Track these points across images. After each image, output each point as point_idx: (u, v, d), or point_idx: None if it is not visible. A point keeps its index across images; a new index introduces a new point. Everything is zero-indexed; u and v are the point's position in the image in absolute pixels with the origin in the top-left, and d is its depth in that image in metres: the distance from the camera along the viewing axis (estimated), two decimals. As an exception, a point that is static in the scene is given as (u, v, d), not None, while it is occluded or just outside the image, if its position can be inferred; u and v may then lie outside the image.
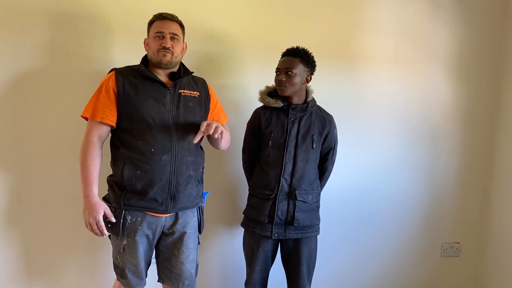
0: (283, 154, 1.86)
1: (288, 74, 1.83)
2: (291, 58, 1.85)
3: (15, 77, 2.00)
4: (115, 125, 1.66)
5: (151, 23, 1.73)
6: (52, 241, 2.12)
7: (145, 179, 1.63)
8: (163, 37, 1.68)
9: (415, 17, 2.38)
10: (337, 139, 2.02)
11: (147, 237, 1.70)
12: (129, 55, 1.95)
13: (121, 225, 1.65)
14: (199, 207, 1.83)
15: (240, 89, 2.23)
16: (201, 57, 2.14)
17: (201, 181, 1.82)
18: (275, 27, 2.22)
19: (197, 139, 1.64)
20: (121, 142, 1.66)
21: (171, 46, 1.68)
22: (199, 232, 1.85)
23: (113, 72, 1.69)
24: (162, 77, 1.73)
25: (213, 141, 1.81)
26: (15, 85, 2.00)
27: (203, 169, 1.83)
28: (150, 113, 1.63)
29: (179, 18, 1.75)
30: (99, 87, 1.68)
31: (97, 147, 1.64)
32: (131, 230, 1.66)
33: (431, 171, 2.50)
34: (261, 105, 1.97)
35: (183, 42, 1.78)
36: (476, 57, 2.46)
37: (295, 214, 1.86)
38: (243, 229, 2.00)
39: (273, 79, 1.97)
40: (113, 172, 1.71)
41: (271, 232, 1.86)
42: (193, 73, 1.82)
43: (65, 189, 2.09)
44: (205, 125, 1.62)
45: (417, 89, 2.43)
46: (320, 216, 1.98)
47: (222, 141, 1.77)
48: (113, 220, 1.64)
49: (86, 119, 1.68)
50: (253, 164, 2.00)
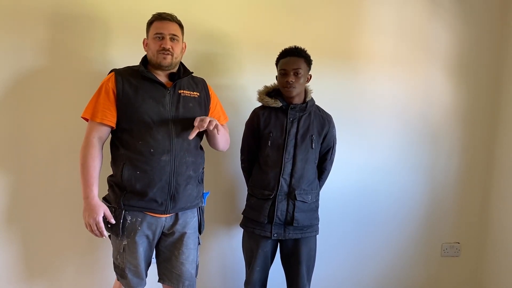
0: (282, 154, 1.86)
1: (296, 74, 1.82)
2: (297, 58, 1.84)
3: (14, 78, 2.00)
4: (115, 126, 1.66)
5: (150, 24, 1.72)
6: (52, 241, 2.12)
7: (145, 180, 1.63)
8: (163, 38, 1.67)
9: (415, 17, 2.38)
10: (336, 138, 2.02)
11: (147, 237, 1.70)
12: (128, 56, 1.95)
13: (121, 225, 1.65)
14: (199, 207, 1.82)
15: (238, 88, 2.23)
16: (200, 57, 2.14)
17: (201, 182, 1.81)
18: (274, 27, 2.22)
19: (192, 135, 1.63)
20: (120, 142, 1.67)
21: (171, 47, 1.67)
22: (200, 232, 1.84)
23: (112, 73, 1.69)
24: (161, 77, 1.72)
25: (211, 141, 1.81)
26: (15, 86, 2.00)
27: (203, 169, 1.82)
28: (149, 113, 1.63)
29: (178, 18, 1.74)
30: (99, 88, 1.68)
31: (97, 148, 1.64)
32: (131, 230, 1.66)
33: (431, 171, 2.49)
34: (260, 105, 1.96)
35: (183, 42, 1.77)
36: (476, 57, 2.45)
37: (295, 214, 1.85)
38: (242, 229, 2.00)
39: (271, 79, 1.97)
40: (113, 172, 1.71)
41: (271, 232, 1.86)
42: (193, 73, 1.82)
43: (65, 190, 2.09)
44: (199, 120, 1.62)
45: (417, 89, 2.43)
46: (319, 216, 1.98)
47: (220, 140, 1.76)
48: (113, 221, 1.64)
49: (86, 120, 1.69)
50: (252, 164, 2.00)
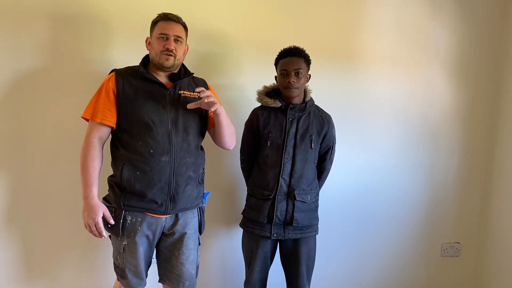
0: (282, 154, 1.86)
1: (297, 75, 1.82)
2: (297, 58, 1.83)
3: (15, 78, 2.00)
4: (115, 126, 1.66)
5: (155, 23, 1.71)
6: (52, 241, 2.12)
7: (144, 180, 1.63)
8: (167, 39, 1.66)
9: (415, 17, 2.38)
10: (335, 138, 2.02)
11: (147, 237, 1.70)
12: (128, 56, 1.95)
13: (121, 226, 1.65)
14: (200, 207, 1.82)
15: (237, 88, 2.22)
16: (199, 57, 2.13)
17: (201, 182, 1.81)
18: (274, 27, 2.22)
19: (192, 106, 1.65)
20: (120, 143, 1.67)
21: (174, 48, 1.66)
22: (200, 232, 1.84)
23: (113, 73, 1.69)
24: (162, 78, 1.72)
25: (217, 134, 1.78)
26: (15, 86, 2.01)
27: (203, 169, 1.82)
28: (149, 114, 1.63)
29: (182, 19, 1.73)
30: (99, 88, 1.68)
31: (97, 149, 1.64)
32: (131, 230, 1.66)
33: (431, 171, 2.49)
34: (259, 105, 1.96)
35: (186, 44, 1.77)
36: (476, 58, 2.46)
37: (294, 214, 1.85)
38: (242, 230, 2.00)
39: (271, 79, 1.97)
40: (113, 172, 1.71)
41: (270, 232, 1.86)
42: (193, 74, 1.81)
43: (65, 190, 2.09)
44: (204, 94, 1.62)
45: (417, 89, 2.43)
46: (319, 216, 1.98)
47: (225, 130, 1.74)
48: (112, 222, 1.64)
49: (86, 120, 1.69)
50: (251, 164, 2.00)
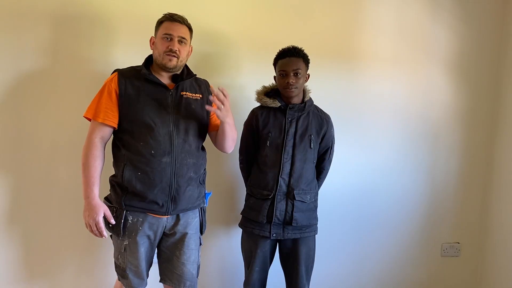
0: (281, 154, 1.86)
1: (296, 75, 1.82)
2: (296, 58, 1.83)
3: (16, 78, 2.00)
4: (117, 126, 1.66)
5: (160, 23, 1.71)
6: (52, 241, 2.12)
7: (145, 181, 1.63)
8: (171, 40, 1.66)
9: (415, 17, 2.38)
10: (334, 138, 2.02)
11: (148, 237, 1.70)
12: (130, 56, 1.96)
13: (122, 226, 1.65)
14: (201, 208, 1.82)
15: (237, 88, 2.22)
16: (199, 57, 2.12)
17: (202, 183, 1.81)
18: (273, 27, 2.22)
19: (209, 108, 1.69)
20: (122, 143, 1.67)
21: (178, 49, 1.67)
22: (201, 233, 1.84)
23: (116, 73, 1.69)
24: (164, 78, 1.72)
25: (220, 138, 1.78)
26: (17, 86, 2.01)
27: (204, 170, 1.82)
28: (151, 115, 1.63)
29: (188, 21, 1.73)
30: (101, 88, 1.68)
31: (99, 149, 1.65)
32: (132, 230, 1.67)
33: (431, 171, 2.49)
34: (258, 105, 1.96)
35: (190, 45, 1.77)
36: (476, 57, 2.45)
37: (294, 214, 1.85)
38: (241, 230, 2.00)
39: (270, 79, 1.97)
40: (115, 172, 1.72)
41: (270, 232, 1.86)
42: (196, 75, 1.82)
43: (66, 190, 2.10)
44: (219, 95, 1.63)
45: (417, 89, 2.43)
46: (319, 216, 1.98)
47: (228, 136, 1.75)
48: (113, 222, 1.65)
49: (88, 119, 1.69)
50: (250, 164, 2.00)
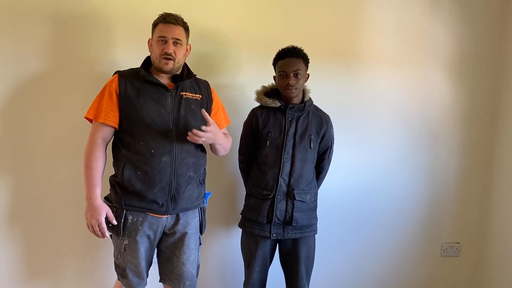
0: (281, 154, 1.86)
1: (296, 76, 1.82)
2: (295, 59, 1.82)
3: (17, 78, 2.01)
4: (117, 127, 1.67)
5: (155, 25, 1.71)
6: (52, 241, 2.12)
7: (145, 180, 1.64)
8: (166, 42, 1.67)
9: (415, 17, 2.38)
10: (333, 138, 2.02)
11: (148, 237, 1.71)
12: (132, 56, 1.96)
13: (122, 225, 1.66)
14: (201, 207, 1.83)
15: (237, 88, 2.22)
16: (198, 57, 2.12)
17: (202, 182, 1.82)
18: (273, 27, 2.22)
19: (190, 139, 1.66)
20: (122, 143, 1.68)
21: (173, 52, 1.67)
22: (201, 232, 1.84)
23: (116, 74, 1.71)
24: (164, 79, 1.73)
25: (212, 149, 1.84)
26: (17, 87, 2.01)
27: (204, 170, 1.82)
28: (150, 115, 1.64)
29: (183, 20, 1.73)
30: (102, 89, 1.69)
31: (100, 149, 1.66)
32: (132, 230, 1.67)
33: (431, 171, 2.49)
34: (258, 105, 1.96)
35: (187, 44, 1.77)
36: (476, 57, 2.45)
37: (294, 214, 1.85)
38: (241, 230, 2.00)
39: (270, 79, 1.97)
40: (115, 172, 1.72)
41: (270, 232, 1.86)
42: (196, 75, 1.82)
43: (67, 190, 2.10)
44: (191, 134, 1.62)
45: (417, 89, 2.43)
46: (319, 215, 1.99)
47: (218, 149, 1.80)
48: (115, 223, 1.65)
49: (90, 120, 1.70)
50: (250, 164, 2.00)
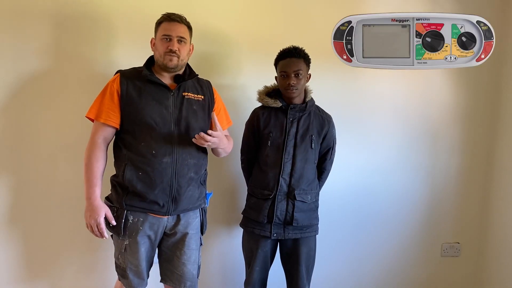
0: (282, 154, 1.86)
1: (297, 76, 1.82)
2: (296, 59, 1.82)
3: (18, 78, 2.00)
4: (119, 127, 1.67)
5: (158, 24, 1.72)
6: (52, 241, 2.12)
7: (146, 181, 1.64)
8: (170, 40, 1.67)
9: (415, 17, 2.38)
10: (335, 138, 2.02)
11: (149, 237, 1.71)
12: (133, 56, 1.95)
13: (122, 225, 1.66)
14: (202, 208, 1.83)
15: (238, 88, 2.22)
16: (199, 57, 2.11)
17: (203, 183, 1.82)
18: (274, 27, 2.21)
19: (196, 141, 1.67)
20: (123, 143, 1.68)
21: (177, 49, 1.67)
22: (202, 233, 1.85)
23: (118, 74, 1.71)
24: (166, 79, 1.73)
25: (213, 152, 1.84)
26: (18, 86, 2.01)
27: (205, 170, 1.82)
28: (152, 115, 1.64)
29: (186, 19, 1.73)
30: (104, 88, 1.69)
31: (101, 149, 1.66)
32: (133, 230, 1.67)
33: (431, 171, 2.49)
34: (259, 105, 1.96)
35: (190, 43, 1.77)
36: (476, 57, 2.46)
37: (294, 214, 1.85)
38: (242, 230, 2.00)
39: (271, 79, 1.97)
40: (116, 172, 1.72)
41: (270, 232, 1.86)
42: (198, 75, 1.82)
43: (67, 190, 2.10)
44: (198, 137, 1.63)
45: (417, 89, 2.42)
46: (320, 215, 1.98)
47: (220, 152, 1.81)
48: (114, 223, 1.65)
49: (91, 120, 1.70)
50: (252, 164, 2.00)
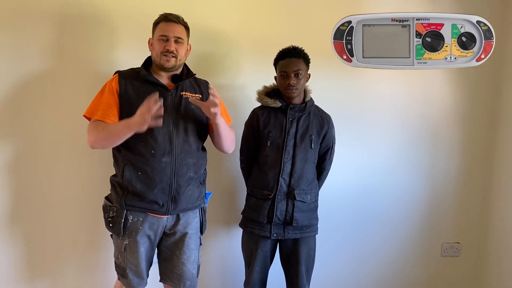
0: (282, 154, 1.86)
1: (297, 76, 1.82)
2: (296, 59, 1.82)
3: (18, 78, 2.00)
4: None
5: (156, 24, 1.72)
6: (52, 241, 2.12)
7: (145, 181, 1.64)
8: (167, 40, 1.68)
9: (415, 17, 2.38)
10: (335, 138, 2.02)
11: (149, 237, 1.71)
12: (133, 56, 1.94)
13: (122, 225, 1.66)
14: (201, 208, 1.83)
15: (237, 88, 2.22)
16: (199, 57, 2.11)
17: (203, 183, 1.82)
18: (274, 27, 2.21)
19: (194, 102, 1.66)
20: (122, 143, 1.66)
21: (175, 49, 1.67)
22: (201, 233, 1.85)
23: (116, 74, 1.71)
24: (164, 79, 1.73)
25: (215, 139, 1.79)
26: (19, 87, 2.01)
27: (205, 170, 1.82)
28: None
29: (184, 19, 1.74)
30: (102, 88, 1.70)
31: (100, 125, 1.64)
32: (133, 230, 1.67)
33: (431, 171, 2.49)
34: (259, 105, 1.96)
35: (188, 43, 1.78)
36: (476, 57, 2.46)
37: (294, 214, 1.86)
38: (241, 230, 2.00)
39: (271, 79, 1.97)
40: (115, 172, 1.73)
41: (270, 232, 1.86)
42: (195, 75, 1.82)
43: (66, 190, 2.10)
44: (210, 104, 1.59)
45: (417, 89, 2.42)
46: (320, 215, 1.99)
47: (224, 137, 1.74)
48: (158, 102, 1.50)
49: (88, 119, 1.70)
50: (251, 164, 2.00)
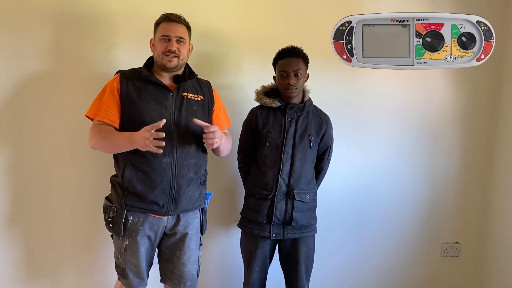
0: (281, 154, 1.86)
1: (296, 75, 1.82)
2: (296, 59, 1.83)
3: (18, 78, 2.01)
4: (117, 126, 1.67)
5: (157, 24, 1.72)
6: (52, 241, 2.12)
7: (146, 181, 1.64)
8: (169, 40, 1.68)
9: (415, 17, 2.38)
10: (333, 138, 2.02)
11: (149, 237, 1.71)
12: (133, 56, 1.95)
13: (122, 225, 1.66)
14: (202, 208, 1.83)
15: (237, 88, 2.22)
16: (198, 57, 2.10)
17: (203, 183, 1.82)
18: (273, 26, 2.21)
19: (197, 122, 1.65)
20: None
21: (177, 49, 1.68)
22: (202, 233, 1.85)
23: (118, 74, 1.71)
24: (166, 79, 1.73)
25: (214, 152, 1.82)
26: (18, 87, 2.01)
27: (205, 170, 1.83)
28: (152, 116, 1.64)
29: (185, 19, 1.74)
30: (103, 88, 1.70)
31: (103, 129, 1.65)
32: (133, 230, 1.68)
33: (431, 171, 2.48)
34: (258, 104, 1.96)
35: (189, 43, 1.78)
36: (476, 57, 2.45)
37: (293, 214, 1.85)
38: (241, 230, 2.00)
39: (270, 79, 1.97)
40: (115, 172, 1.73)
41: (269, 232, 1.86)
42: (197, 75, 1.82)
43: (66, 190, 2.10)
44: (207, 131, 1.63)
45: (416, 89, 2.42)
46: (319, 215, 1.99)
47: (220, 150, 1.79)
48: (162, 122, 1.52)
49: (90, 119, 1.70)
50: (249, 164, 2.00)
